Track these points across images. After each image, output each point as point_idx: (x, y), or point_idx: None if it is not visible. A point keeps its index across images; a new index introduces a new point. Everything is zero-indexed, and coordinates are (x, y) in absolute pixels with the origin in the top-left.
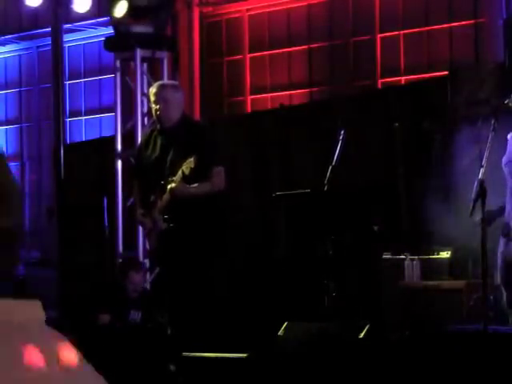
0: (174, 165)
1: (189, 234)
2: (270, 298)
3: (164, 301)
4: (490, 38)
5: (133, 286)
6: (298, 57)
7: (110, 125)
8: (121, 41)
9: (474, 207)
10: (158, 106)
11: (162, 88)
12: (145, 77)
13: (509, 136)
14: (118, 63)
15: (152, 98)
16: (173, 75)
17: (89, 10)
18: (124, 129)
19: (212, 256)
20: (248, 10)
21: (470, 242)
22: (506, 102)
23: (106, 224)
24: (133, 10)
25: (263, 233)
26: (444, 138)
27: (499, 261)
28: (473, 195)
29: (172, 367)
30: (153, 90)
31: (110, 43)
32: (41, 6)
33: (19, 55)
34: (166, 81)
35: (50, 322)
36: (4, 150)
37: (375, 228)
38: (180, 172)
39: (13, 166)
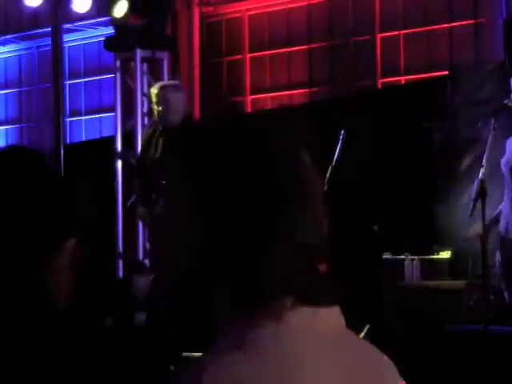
0: None
1: None
2: None
3: (164, 301)
4: (490, 37)
5: (137, 290)
6: (298, 57)
7: (110, 125)
8: (121, 41)
9: (474, 207)
10: (159, 108)
11: (163, 89)
12: (145, 77)
13: (507, 141)
14: (118, 63)
15: (154, 99)
16: (173, 75)
17: (89, 10)
18: (124, 129)
19: None
20: (248, 9)
21: (470, 242)
22: (505, 102)
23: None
24: (132, 8)
25: None
26: (444, 137)
27: (498, 257)
28: (473, 195)
29: (172, 367)
30: (154, 90)
31: (110, 43)
32: (41, 6)
33: (19, 55)
34: (167, 81)
35: None
36: None
37: (375, 228)
38: None
39: None
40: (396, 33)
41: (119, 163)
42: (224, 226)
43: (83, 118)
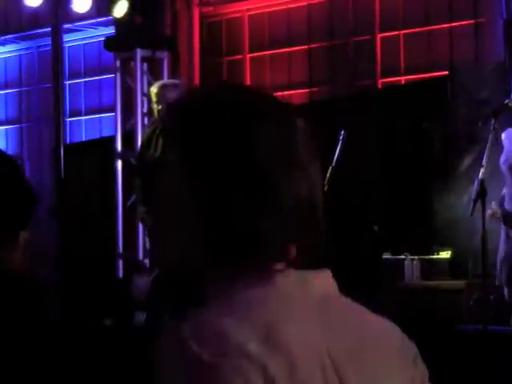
0: None
1: None
2: None
3: (163, 301)
4: (490, 38)
5: (137, 290)
6: (298, 57)
7: (110, 125)
8: (121, 41)
9: (474, 207)
10: (159, 107)
11: (163, 88)
12: (145, 77)
13: (503, 135)
14: (118, 63)
15: (154, 99)
16: (173, 75)
17: (89, 10)
18: (124, 129)
19: None
20: (248, 9)
21: (470, 242)
22: (506, 102)
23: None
24: (133, 8)
25: None
26: (444, 138)
27: (500, 255)
28: (473, 195)
29: None
30: (154, 89)
31: (110, 43)
32: (41, 6)
33: (19, 55)
34: (167, 80)
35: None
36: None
37: (375, 228)
38: None
39: None
40: (396, 33)
41: (119, 163)
42: (211, 184)
43: (83, 118)
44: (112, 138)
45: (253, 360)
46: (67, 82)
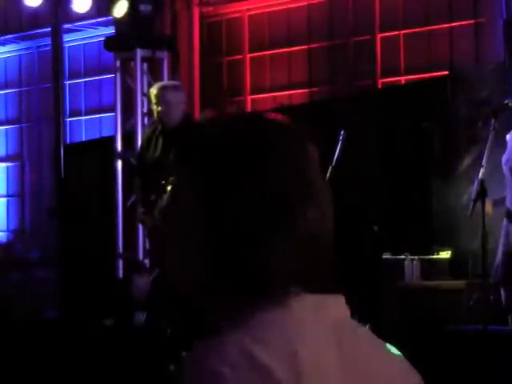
0: None
1: None
2: None
3: (163, 301)
4: (490, 38)
5: (137, 290)
6: (298, 57)
7: (110, 125)
8: (121, 41)
9: (473, 207)
10: (159, 108)
11: (162, 89)
12: (145, 77)
13: (508, 136)
14: (118, 63)
15: (153, 100)
16: (173, 75)
17: (89, 10)
18: (124, 129)
19: None
20: (248, 9)
21: (470, 242)
22: (505, 102)
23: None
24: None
25: None
26: (444, 137)
27: (500, 256)
28: (473, 195)
29: (172, 367)
30: (153, 91)
31: (110, 43)
32: (41, 6)
33: (19, 55)
34: (166, 82)
35: (51, 322)
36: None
37: (375, 228)
38: None
39: (13, 166)
40: (396, 33)
41: (119, 163)
42: (224, 216)
43: (83, 118)
44: (112, 138)
45: None
46: (67, 82)
